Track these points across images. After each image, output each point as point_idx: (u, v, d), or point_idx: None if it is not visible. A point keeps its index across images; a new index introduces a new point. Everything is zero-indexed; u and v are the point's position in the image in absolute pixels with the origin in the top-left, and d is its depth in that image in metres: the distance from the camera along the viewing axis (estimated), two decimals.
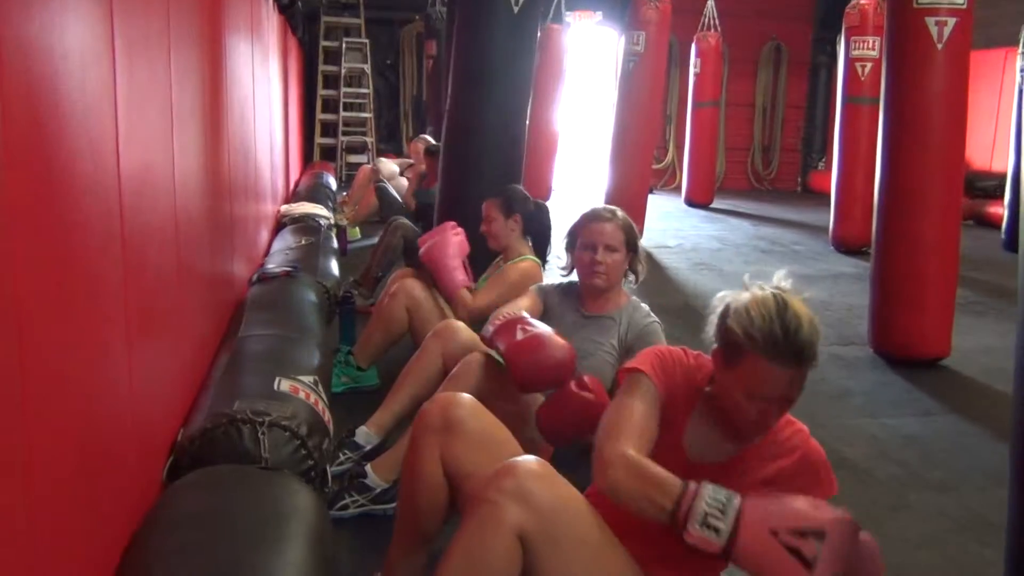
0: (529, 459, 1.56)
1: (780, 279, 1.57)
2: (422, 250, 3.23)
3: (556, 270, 2.86)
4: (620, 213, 2.48)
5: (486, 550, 1.46)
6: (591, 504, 1.56)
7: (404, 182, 7.03)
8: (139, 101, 1.73)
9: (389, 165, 7.25)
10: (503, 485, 1.48)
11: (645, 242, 7.38)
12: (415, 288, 3.33)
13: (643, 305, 2.49)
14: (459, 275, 3.14)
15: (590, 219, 2.48)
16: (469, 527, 1.49)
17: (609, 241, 2.42)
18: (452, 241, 3.22)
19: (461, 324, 2.78)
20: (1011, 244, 7.50)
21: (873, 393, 3.76)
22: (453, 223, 3.34)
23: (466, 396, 1.90)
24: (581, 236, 2.47)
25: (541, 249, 3.34)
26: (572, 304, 2.54)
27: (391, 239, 4.82)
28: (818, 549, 1.21)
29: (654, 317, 2.46)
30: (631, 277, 2.52)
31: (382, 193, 6.48)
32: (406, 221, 5.01)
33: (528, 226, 3.29)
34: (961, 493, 2.82)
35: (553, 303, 2.58)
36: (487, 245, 3.30)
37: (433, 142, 7.23)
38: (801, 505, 1.29)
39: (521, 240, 3.28)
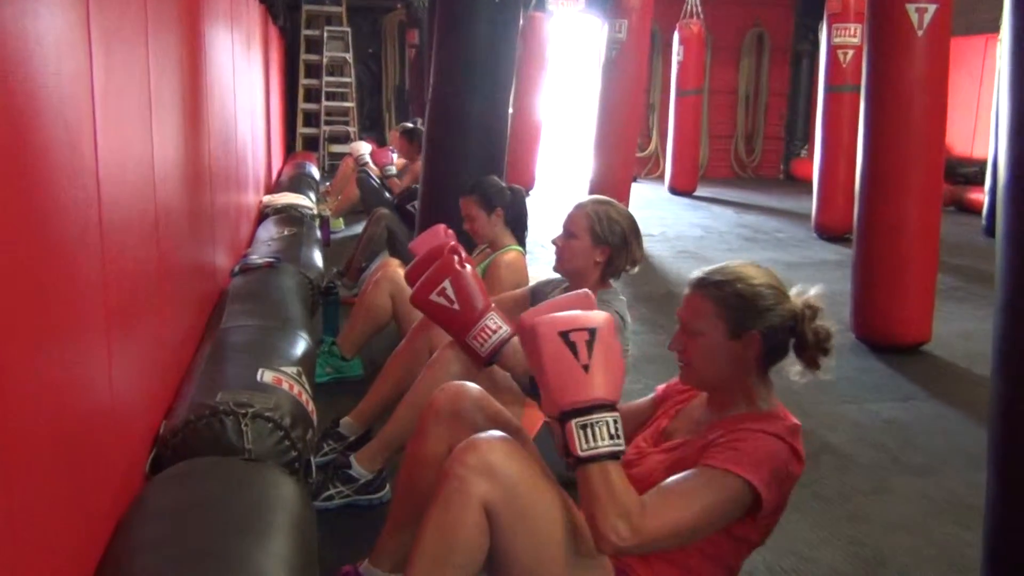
0: (493, 434, 1.59)
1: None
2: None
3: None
4: (593, 203, 2.44)
5: (455, 525, 1.49)
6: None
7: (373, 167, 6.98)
8: (116, 89, 1.71)
9: (361, 147, 7.18)
10: (468, 460, 1.51)
11: None
12: (398, 275, 3.32)
13: (619, 298, 2.46)
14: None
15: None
16: (438, 504, 1.52)
17: (570, 227, 2.42)
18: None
19: None
20: (991, 230, 7.56)
21: (855, 379, 3.79)
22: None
23: (474, 386, 1.95)
24: None
25: (520, 235, 3.33)
26: (558, 291, 2.55)
27: (375, 230, 4.81)
28: (591, 343, 1.40)
29: (617, 309, 2.39)
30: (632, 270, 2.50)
31: (363, 183, 6.45)
32: (390, 212, 4.99)
33: (508, 215, 3.27)
34: (941, 476, 2.84)
35: (545, 292, 2.60)
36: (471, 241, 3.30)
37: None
38: (576, 312, 1.47)
39: (505, 231, 3.27)
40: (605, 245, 2.38)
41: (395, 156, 6.65)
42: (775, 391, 1.63)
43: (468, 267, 2.30)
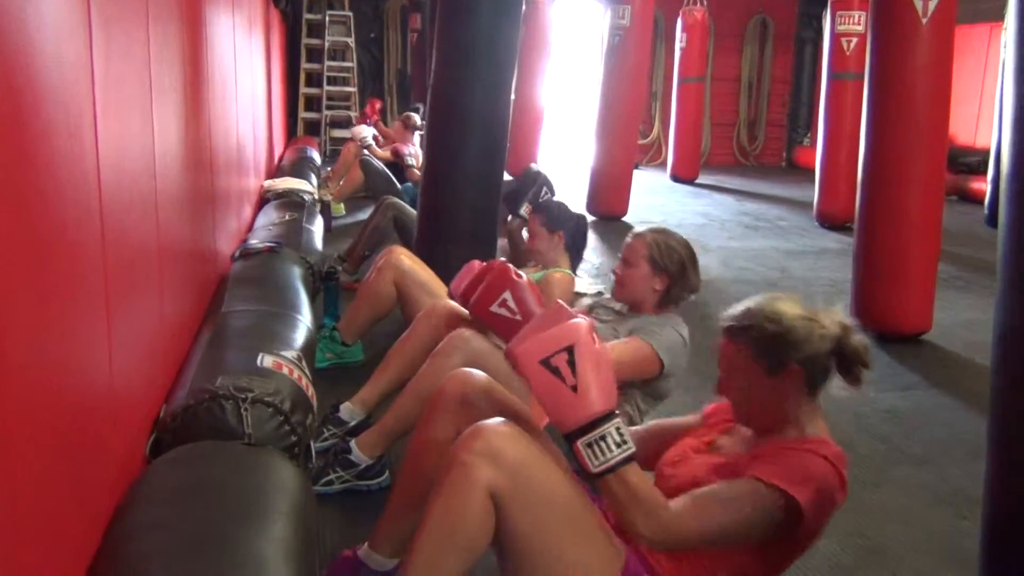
0: (498, 421, 1.60)
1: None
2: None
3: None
4: (652, 232, 2.47)
5: (460, 510, 1.50)
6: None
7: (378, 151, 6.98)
8: (117, 73, 1.71)
9: (363, 130, 7.18)
10: (473, 446, 1.52)
11: (630, 218, 7.40)
12: (403, 262, 3.32)
13: (678, 320, 2.45)
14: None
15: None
16: (443, 490, 1.53)
17: (628, 255, 2.44)
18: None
19: (451, 304, 2.77)
20: (993, 219, 7.54)
21: None
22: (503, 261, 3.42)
23: (481, 374, 1.97)
24: None
25: (575, 261, 3.47)
26: (601, 310, 2.60)
27: (380, 220, 4.78)
28: (572, 361, 1.41)
29: (678, 330, 2.41)
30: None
31: (367, 166, 6.44)
32: (398, 201, 4.98)
33: (568, 240, 3.38)
34: (941, 466, 2.85)
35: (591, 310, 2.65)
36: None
37: (417, 119, 7.17)
38: (550, 331, 1.45)
39: (562, 253, 3.41)
40: (664, 273, 2.41)
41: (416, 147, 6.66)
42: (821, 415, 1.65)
43: (524, 277, 2.37)
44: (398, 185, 6.30)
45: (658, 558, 1.59)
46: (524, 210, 4.58)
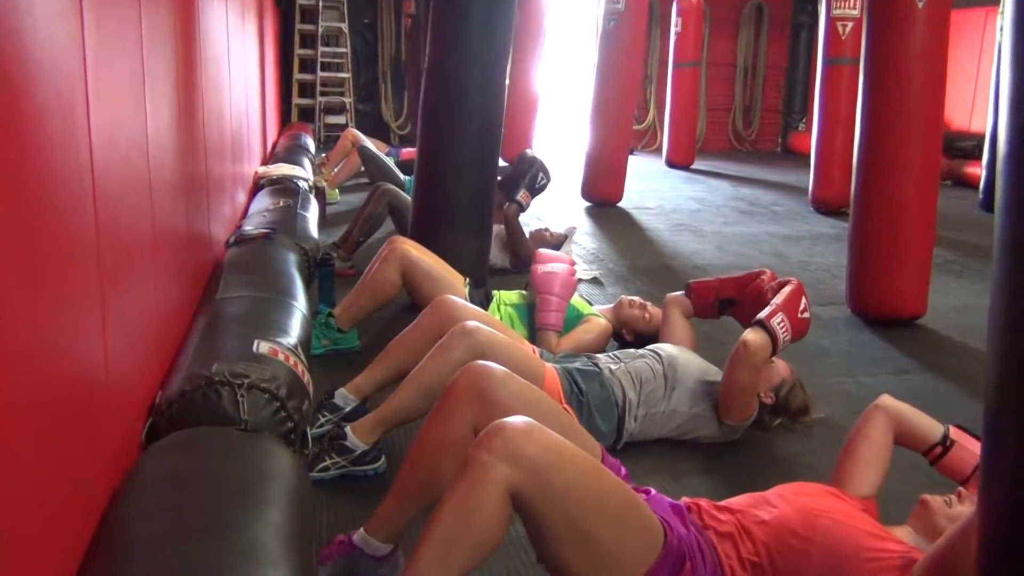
0: (515, 419, 1.60)
1: None
2: (541, 270, 3.28)
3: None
4: (801, 382, 2.86)
5: (476, 508, 1.50)
6: None
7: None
8: (109, 57, 1.69)
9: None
10: (493, 445, 1.52)
11: (625, 203, 7.40)
12: (409, 252, 3.31)
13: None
14: (555, 317, 3.23)
15: None
16: (459, 487, 1.53)
17: (780, 366, 2.82)
18: (570, 282, 3.28)
19: (459, 301, 2.76)
20: (988, 204, 7.55)
21: (850, 352, 3.80)
22: (573, 260, 3.51)
23: (496, 366, 1.96)
24: None
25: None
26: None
27: (376, 207, 4.78)
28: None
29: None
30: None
31: (365, 154, 6.44)
32: (393, 187, 4.97)
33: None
34: None
35: None
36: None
37: None
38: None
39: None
40: (776, 400, 2.77)
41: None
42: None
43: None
44: (400, 176, 6.30)
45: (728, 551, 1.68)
46: (520, 195, 4.57)
